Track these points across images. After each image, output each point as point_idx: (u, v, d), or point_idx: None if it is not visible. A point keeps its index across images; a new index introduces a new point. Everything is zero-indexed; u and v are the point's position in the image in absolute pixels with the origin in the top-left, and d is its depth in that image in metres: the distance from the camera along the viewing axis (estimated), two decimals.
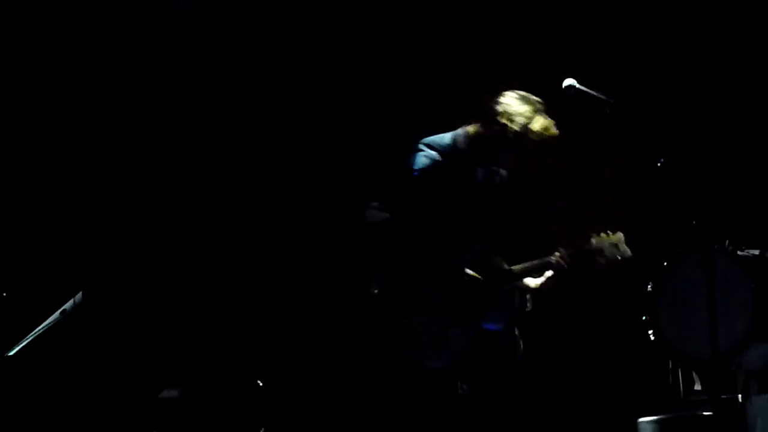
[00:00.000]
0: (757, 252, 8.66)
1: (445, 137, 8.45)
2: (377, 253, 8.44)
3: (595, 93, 7.85)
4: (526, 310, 9.70)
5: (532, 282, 8.33)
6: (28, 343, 7.72)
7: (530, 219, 8.96)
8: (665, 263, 8.68)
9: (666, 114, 10.58)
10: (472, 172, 8.40)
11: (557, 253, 8.23)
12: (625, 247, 8.23)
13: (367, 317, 8.36)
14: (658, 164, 7.88)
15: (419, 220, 8.35)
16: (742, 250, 8.57)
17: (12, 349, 7.81)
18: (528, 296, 9.55)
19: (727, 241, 8.57)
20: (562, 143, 9.31)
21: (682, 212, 7.94)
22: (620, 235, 8.26)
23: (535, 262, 8.31)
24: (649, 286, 8.68)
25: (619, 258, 8.25)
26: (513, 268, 8.28)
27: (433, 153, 8.39)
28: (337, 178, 11.26)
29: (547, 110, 8.34)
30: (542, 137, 8.26)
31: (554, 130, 8.24)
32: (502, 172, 8.51)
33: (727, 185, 10.23)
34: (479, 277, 8.17)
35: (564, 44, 11.98)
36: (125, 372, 10.61)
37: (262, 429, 9.63)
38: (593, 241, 8.28)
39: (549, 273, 8.27)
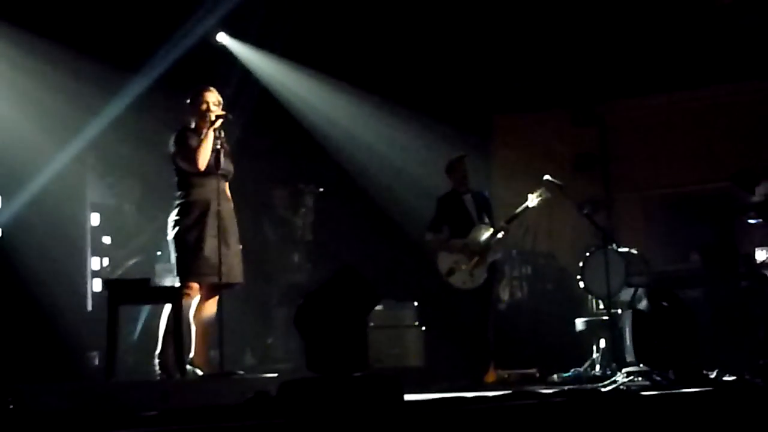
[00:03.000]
0: (626, 249, 8.92)
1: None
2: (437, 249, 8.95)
3: (557, 181, 8.76)
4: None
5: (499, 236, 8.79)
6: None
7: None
8: (587, 254, 8.94)
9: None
10: (463, 202, 8.96)
11: (503, 223, 8.85)
12: (546, 193, 8.72)
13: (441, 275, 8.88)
14: (585, 212, 8.71)
15: (451, 231, 8.93)
16: (619, 247, 8.83)
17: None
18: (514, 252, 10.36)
19: (614, 244, 8.74)
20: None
21: (596, 233, 8.77)
22: (541, 188, 8.71)
23: (495, 230, 8.78)
24: (581, 263, 8.96)
25: (544, 198, 8.75)
26: (487, 235, 8.74)
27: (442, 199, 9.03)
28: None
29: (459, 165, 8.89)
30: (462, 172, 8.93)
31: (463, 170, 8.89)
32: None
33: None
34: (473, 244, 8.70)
35: None
36: None
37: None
38: (529, 196, 8.73)
39: (501, 234, 8.83)
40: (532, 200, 8.81)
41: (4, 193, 10.03)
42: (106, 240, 10.49)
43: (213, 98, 6.88)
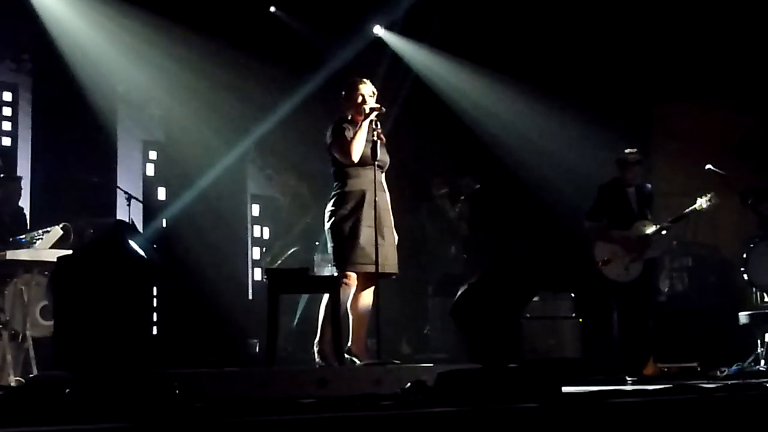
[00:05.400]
0: None
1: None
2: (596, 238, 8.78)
3: (719, 171, 8.68)
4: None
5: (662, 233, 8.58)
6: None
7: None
8: (752, 245, 8.85)
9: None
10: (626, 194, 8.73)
11: (667, 222, 8.58)
12: (717, 199, 8.37)
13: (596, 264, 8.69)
14: (749, 202, 8.66)
15: (610, 222, 8.74)
16: None
17: None
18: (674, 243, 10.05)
19: None
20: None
21: (761, 223, 8.75)
22: (712, 193, 8.39)
23: (659, 227, 8.55)
24: (744, 255, 8.86)
25: (714, 203, 8.40)
26: (650, 231, 8.53)
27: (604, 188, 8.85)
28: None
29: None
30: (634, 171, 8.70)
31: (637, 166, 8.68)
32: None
33: None
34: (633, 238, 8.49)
35: None
36: None
37: None
38: (698, 200, 8.42)
39: (663, 232, 8.60)
40: (701, 204, 8.51)
41: (168, 185, 10.43)
42: (266, 231, 10.72)
43: (368, 90, 6.89)
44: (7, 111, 9.85)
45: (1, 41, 9.62)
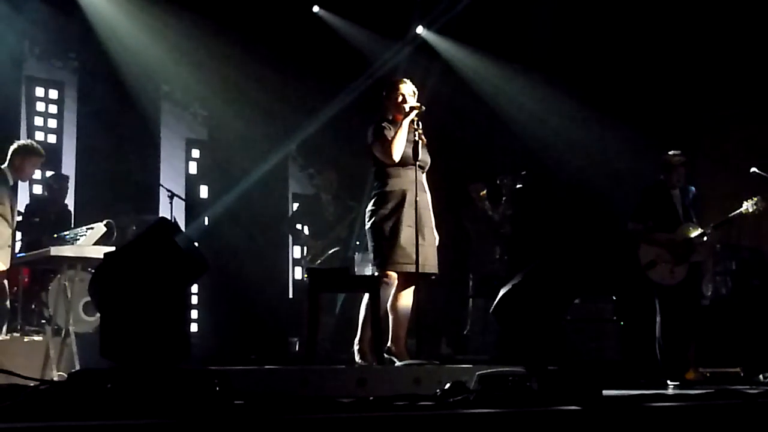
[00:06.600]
0: None
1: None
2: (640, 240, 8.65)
3: (764, 174, 8.49)
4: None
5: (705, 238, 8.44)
6: None
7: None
8: None
9: None
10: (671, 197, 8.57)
11: (711, 226, 8.40)
12: (763, 203, 8.22)
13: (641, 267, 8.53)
14: None
15: (654, 224, 8.57)
16: None
17: None
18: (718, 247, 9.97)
19: None
20: None
21: None
22: (758, 197, 8.24)
23: (704, 231, 8.37)
24: None
25: (761, 207, 8.27)
26: (695, 235, 8.36)
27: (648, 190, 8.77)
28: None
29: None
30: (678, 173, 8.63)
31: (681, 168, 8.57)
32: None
33: None
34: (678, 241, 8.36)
35: None
36: None
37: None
38: (744, 203, 8.29)
39: (705, 237, 8.44)
40: (747, 208, 8.37)
41: (210, 183, 10.49)
42: (306, 230, 10.76)
43: (408, 89, 6.88)
44: (52, 108, 10.01)
45: (47, 39, 9.76)
